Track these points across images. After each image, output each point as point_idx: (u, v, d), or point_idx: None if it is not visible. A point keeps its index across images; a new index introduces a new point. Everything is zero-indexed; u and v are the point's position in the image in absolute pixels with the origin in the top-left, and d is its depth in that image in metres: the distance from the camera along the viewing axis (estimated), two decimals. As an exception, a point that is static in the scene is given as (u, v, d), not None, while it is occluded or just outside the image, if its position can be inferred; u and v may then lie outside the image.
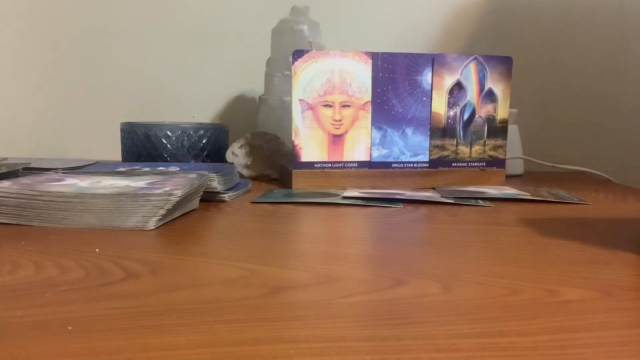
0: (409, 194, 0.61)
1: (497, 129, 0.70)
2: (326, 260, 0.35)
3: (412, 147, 0.68)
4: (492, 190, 0.64)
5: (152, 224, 0.43)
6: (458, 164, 0.69)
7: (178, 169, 0.61)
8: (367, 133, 0.66)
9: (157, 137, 0.74)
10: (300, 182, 0.65)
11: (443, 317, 0.25)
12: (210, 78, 0.99)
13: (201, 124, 0.79)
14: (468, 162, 0.69)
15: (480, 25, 0.97)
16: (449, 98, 0.68)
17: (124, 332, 0.23)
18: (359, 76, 0.66)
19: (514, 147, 0.82)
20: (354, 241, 0.40)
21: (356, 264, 0.34)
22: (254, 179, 0.73)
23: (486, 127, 0.69)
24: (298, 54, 0.64)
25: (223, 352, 0.21)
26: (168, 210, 0.44)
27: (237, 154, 0.73)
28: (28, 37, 0.98)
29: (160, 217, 0.43)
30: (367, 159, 0.67)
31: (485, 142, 0.70)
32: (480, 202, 0.57)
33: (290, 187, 0.65)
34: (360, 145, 0.66)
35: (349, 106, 0.66)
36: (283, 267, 0.33)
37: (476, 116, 0.69)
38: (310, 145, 0.65)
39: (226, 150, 0.76)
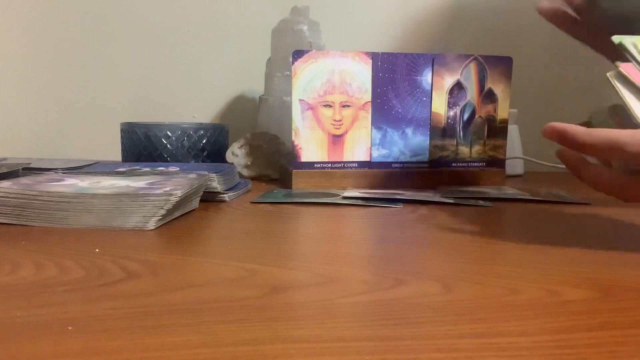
0: (409, 194, 0.61)
1: (497, 129, 0.70)
2: (326, 260, 0.35)
3: (412, 147, 0.68)
4: (492, 190, 0.64)
5: (152, 224, 0.43)
6: (458, 164, 0.69)
7: (178, 169, 0.61)
8: (367, 133, 0.66)
9: (157, 137, 0.74)
10: (300, 182, 0.65)
11: (443, 317, 0.25)
12: (210, 78, 0.99)
13: (201, 124, 0.79)
14: (468, 162, 0.69)
15: (480, 25, 0.97)
16: (449, 98, 0.68)
17: (124, 332, 0.23)
18: (359, 76, 0.66)
19: (514, 147, 0.82)
20: (354, 241, 0.40)
21: (356, 264, 0.34)
22: (254, 179, 0.73)
23: (486, 127, 0.69)
24: (298, 54, 0.64)
25: (223, 352, 0.21)
26: (168, 210, 0.44)
27: (237, 154, 0.73)
28: (28, 37, 0.98)
29: (160, 217, 0.43)
30: (367, 159, 0.67)
31: (485, 142, 0.70)
32: (480, 202, 0.57)
33: (290, 187, 0.65)
34: (360, 145, 0.66)
35: (349, 106, 0.66)
36: (283, 267, 0.33)
37: (476, 116, 0.69)
38: (310, 146, 0.65)
39: (226, 150, 0.76)
